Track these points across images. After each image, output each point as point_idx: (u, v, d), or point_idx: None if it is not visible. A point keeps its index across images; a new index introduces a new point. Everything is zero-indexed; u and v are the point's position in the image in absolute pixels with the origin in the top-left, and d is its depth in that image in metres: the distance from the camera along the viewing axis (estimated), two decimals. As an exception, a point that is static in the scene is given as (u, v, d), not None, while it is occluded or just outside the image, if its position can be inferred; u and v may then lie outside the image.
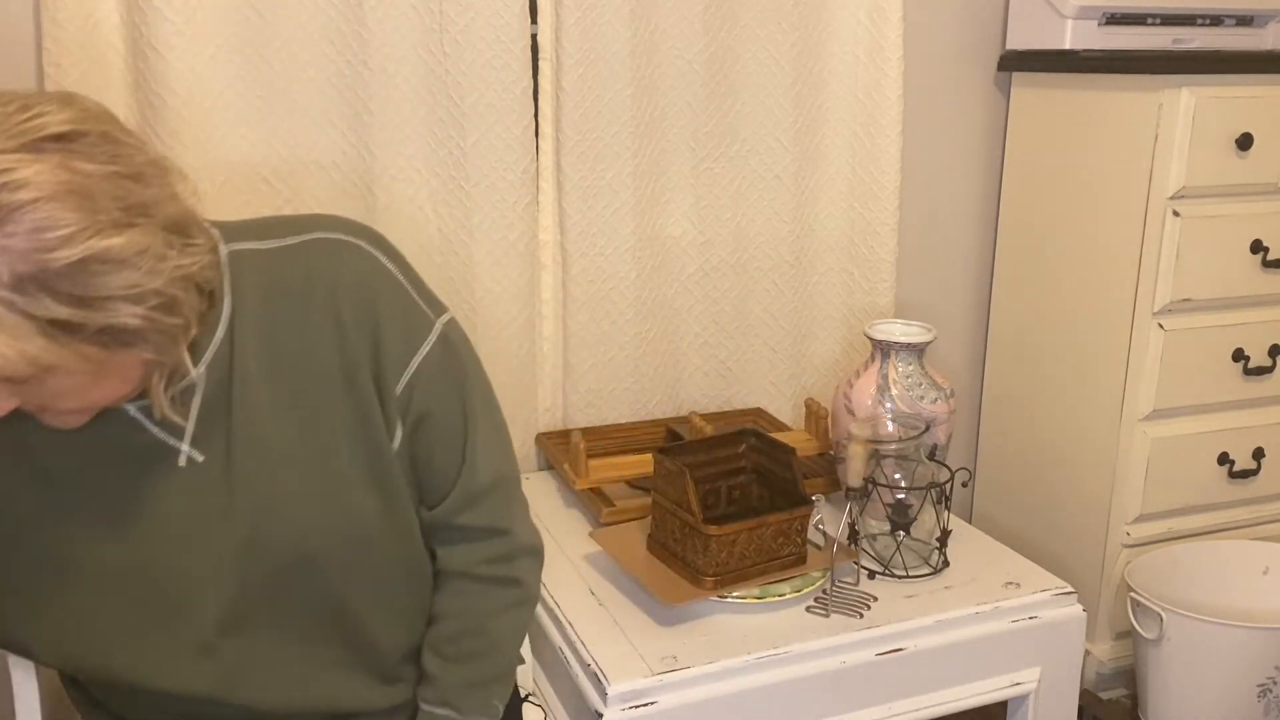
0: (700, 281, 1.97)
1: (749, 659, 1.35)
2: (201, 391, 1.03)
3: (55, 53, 1.53)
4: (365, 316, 1.07)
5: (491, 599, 1.17)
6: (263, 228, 1.10)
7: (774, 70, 1.92)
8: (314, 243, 1.09)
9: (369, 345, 1.07)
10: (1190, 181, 1.79)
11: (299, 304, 1.06)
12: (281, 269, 1.06)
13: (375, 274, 1.09)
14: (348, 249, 1.09)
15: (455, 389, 1.13)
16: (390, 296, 1.09)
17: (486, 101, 1.72)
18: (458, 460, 1.14)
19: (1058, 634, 1.51)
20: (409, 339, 1.10)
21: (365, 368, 1.07)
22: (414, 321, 1.11)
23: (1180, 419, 1.90)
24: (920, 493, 1.57)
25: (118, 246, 0.85)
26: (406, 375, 1.09)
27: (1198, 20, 1.95)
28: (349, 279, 1.07)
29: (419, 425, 1.11)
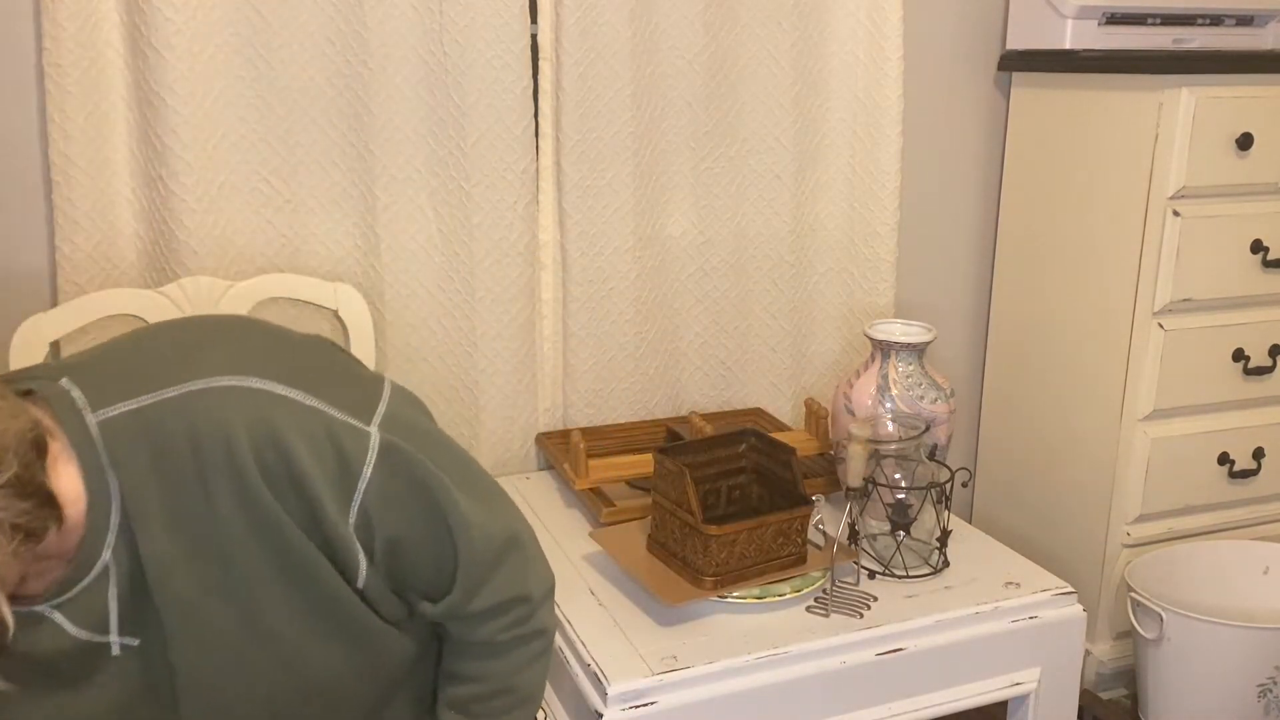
0: (700, 281, 1.97)
1: (749, 659, 1.35)
2: (115, 578, 0.95)
3: (55, 53, 1.53)
4: (278, 469, 0.94)
5: (518, 657, 1.12)
6: (132, 374, 0.96)
7: (774, 70, 1.92)
8: (192, 396, 0.94)
9: (295, 502, 0.95)
10: (1190, 181, 1.79)
11: (192, 470, 0.93)
12: (163, 431, 0.93)
13: (273, 416, 0.94)
14: (232, 396, 0.94)
15: (417, 496, 1.00)
16: (303, 432, 0.95)
17: (486, 101, 1.72)
18: (450, 560, 1.03)
19: (1058, 634, 1.51)
20: (343, 470, 0.96)
21: (291, 523, 0.95)
22: (342, 447, 0.96)
23: (1180, 419, 1.90)
24: (920, 493, 1.57)
25: None
26: (354, 509, 0.97)
27: (1198, 20, 1.95)
28: (244, 432, 0.93)
29: (391, 550, 1.01)
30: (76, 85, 1.55)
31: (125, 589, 0.95)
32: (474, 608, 1.06)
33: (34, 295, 1.63)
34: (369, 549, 1.00)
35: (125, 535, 0.94)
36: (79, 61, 1.54)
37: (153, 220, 1.63)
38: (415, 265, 1.78)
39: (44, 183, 1.61)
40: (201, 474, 0.93)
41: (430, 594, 1.06)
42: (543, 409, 1.94)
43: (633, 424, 1.94)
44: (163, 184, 1.60)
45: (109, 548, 0.94)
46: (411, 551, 1.02)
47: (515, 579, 1.09)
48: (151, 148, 1.59)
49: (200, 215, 1.62)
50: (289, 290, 1.66)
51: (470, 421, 1.86)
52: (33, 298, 1.63)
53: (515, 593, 1.09)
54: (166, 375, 0.95)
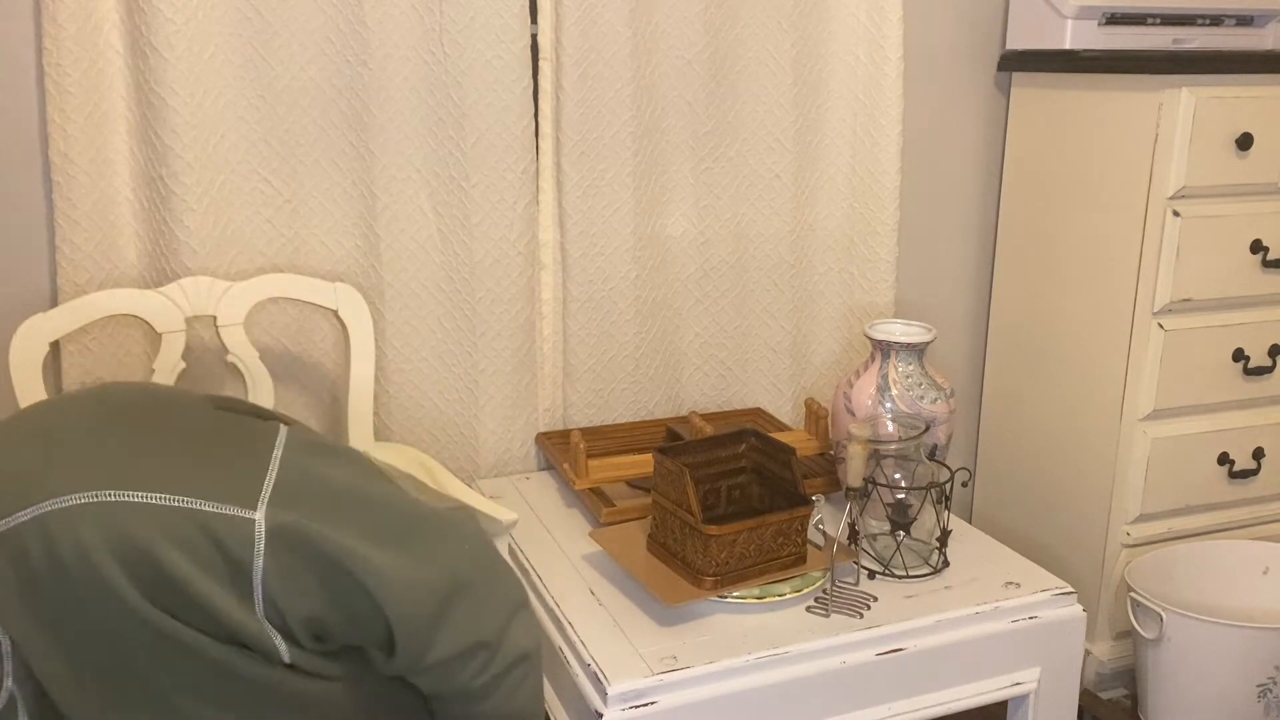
0: (700, 281, 1.97)
1: (749, 659, 1.35)
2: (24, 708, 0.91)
3: (55, 53, 1.53)
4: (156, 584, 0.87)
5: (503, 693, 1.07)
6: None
7: (774, 70, 1.92)
8: (48, 519, 0.87)
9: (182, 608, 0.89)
10: (1190, 181, 1.79)
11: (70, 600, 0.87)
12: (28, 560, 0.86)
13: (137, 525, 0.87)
14: (83, 513, 0.87)
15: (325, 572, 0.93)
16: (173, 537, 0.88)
17: (486, 101, 1.72)
18: (381, 625, 0.97)
19: (1058, 634, 1.51)
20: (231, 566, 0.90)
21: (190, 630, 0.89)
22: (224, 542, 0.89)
23: (1180, 419, 1.90)
24: (920, 493, 1.57)
25: None
26: (257, 598, 0.91)
27: (1198, 20, 1.95)
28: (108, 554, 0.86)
29: (310, 626, 0.95)
30: (76, 85, 1.55)
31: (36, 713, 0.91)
32: (429, 661, 1.00)
33: (34, 295, 1.63)
34: (287, 633, 0.94)
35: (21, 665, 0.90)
36: (79, 61, 1.54)
37: (153, 220, 1.63)
38: (415, 265, 1.78)
39: (44, 183, 1.61)
40: (78, 600, 0.87)
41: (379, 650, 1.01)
42: (543, 409, 1.94)
43: (633, 424, 1.94)
44: (163, 184, 1.60)
45: (8, 675, 0.90)
46: (337, 627, 0.96)
47: (467, 626, 1.02)
48: (151, 148, 1.59)
49: (200, 215, 1.62)
50: (289, 290, 1.66)
51: (470, 421, 1.86)
52: (33, 298, 1.63)
53: (472, 640, 1.02)
54: (19, 496, 0.88)
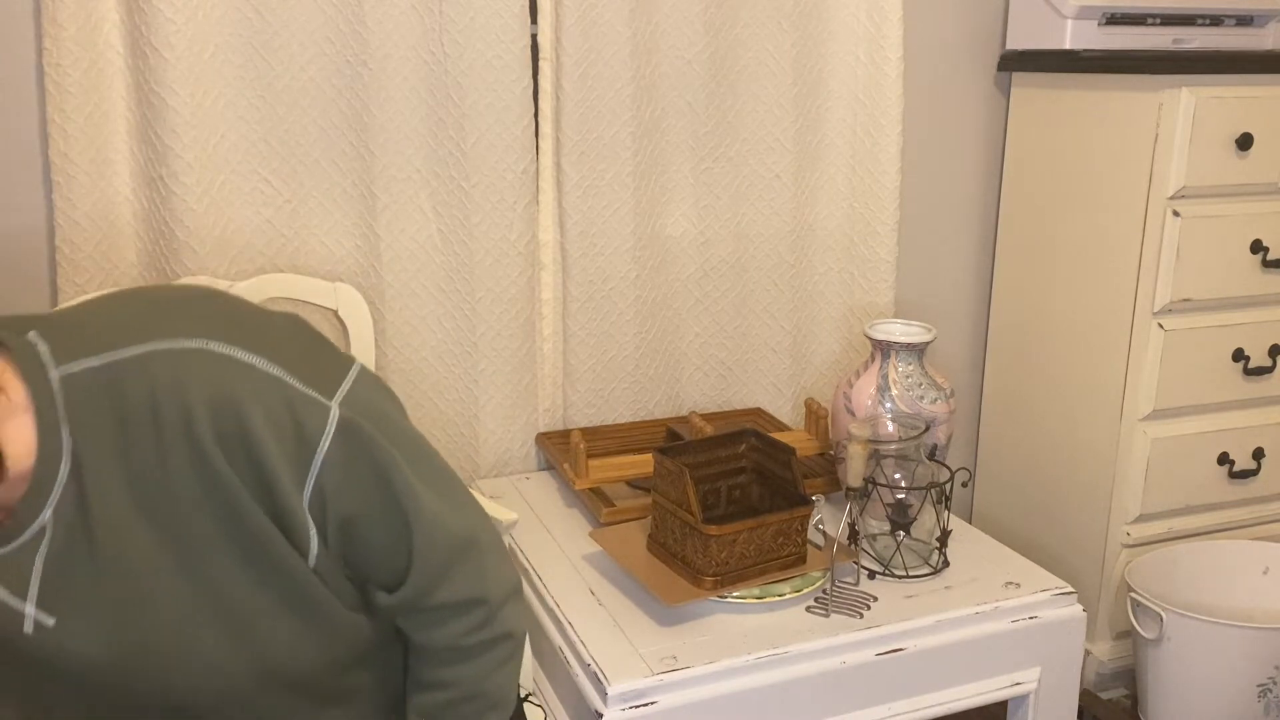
0: (700, 281, 1.97)
1: (749, 659, 1.35)
2: (49, 541, 0.92)
3: (55, 53, 1.53)
4: (234, 441, 0.92)
5: (485, 662, 1.08)
6: (98, 332, 0.94)
7: (774, 70, 1.92)
8: (152, 357, 0.92)
9: (249, 471, 0.93)
10: (1190, 181, 1.79)
11: (150, 436, 0.91)
12: (123, 389, 0.91)
13: (233, 381, 0.93)
14: (192, 360, 0.92)
15: (375, 476, 0.98)
16: (260, 401, 0.93)
17: (486, 101, 1.72)
18: (404, 549, 1.01)
19: (1058, 634, 1.51)
20: (300, 442, 0.94)
21: (250, 498, 0.94)
22: (300, 417, 0.94)
23: (1180, 419, 1.90)
24: (920, 493, 1.57)
25: None
26: (310, 482, 0.95)
27: (1198, 20, 1.95)
28: (202, 399, 0.91)
29: (345, 529, 0.98)
30: (76, 85, 1.55)
31: (58, 555, 0.93)
32: (431, 602, 1.03)
33: (34, 295, 1.63)
34: (322, 528, 0.97)
35: (70, 496, 0.92)
36: (79, 61, 1.54)
37: (153, 220, 1.63)
38: (415, 265, 1.78)
39: (44, 182, 1.61)
40: (158, 436, 0.91)
41: (386, 583, 1.03)
42: (543, 409, 1.94)
43: (633, 424, 1.94)
44: (163, 184, 1.60)
45: (50, 507, 0.91)
46: (366, 533, 0.99)
47: (473, 580, 1.05)
48: (151, 148, 1.59)
49: (200, 215, 1.62)
50: (289, 290, 1.66)
51: (470, 421, 1.86)
52: (33, 298, 1.63)
53: (474, 593, 1.05)
54: (131, 333, 0.93)
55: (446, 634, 1.06)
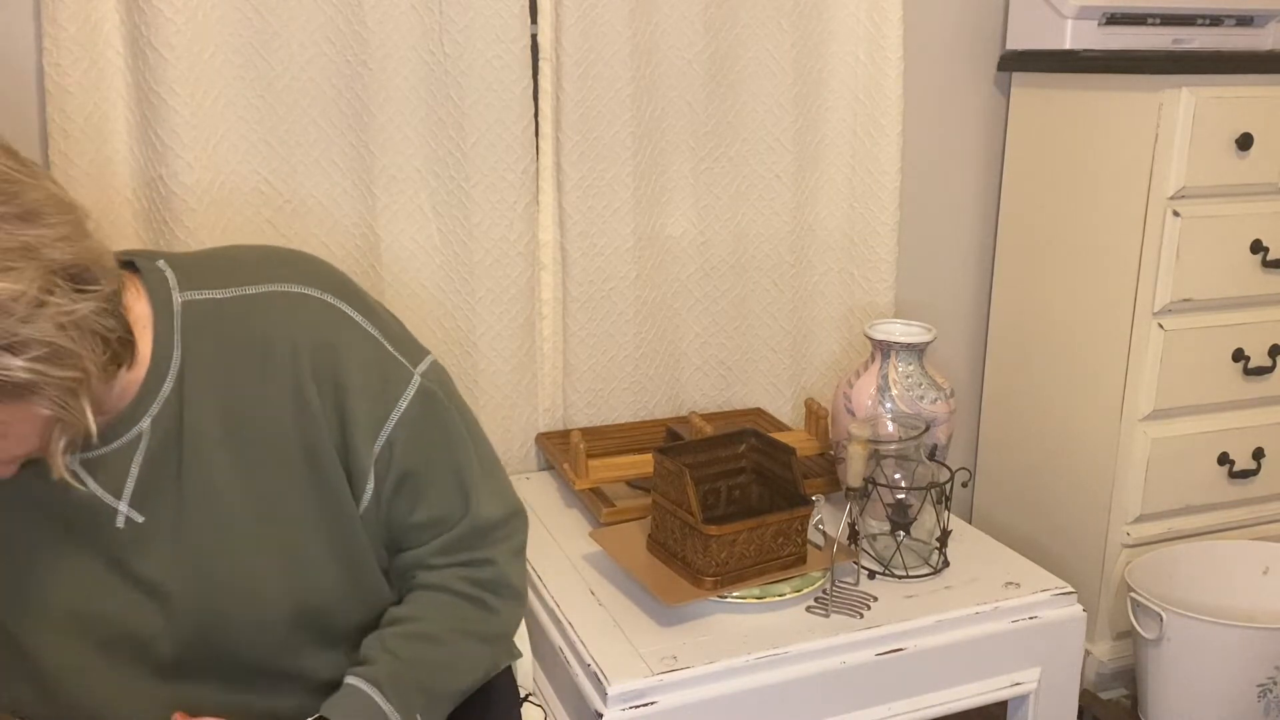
0: (700, 281, 1.97)
1: (749, 659, 1.35)
2: (145, 447, 0.99)
3: (55, 53, 1.53)
4: (328, 382, 1.01)
5: (463, 617, 1.10)
6: (223, 270, 1.03)
7: (774, 70, 1.92)
8: (273, 296, 1.02)
9: (333, 411, 1.02)
10: (1190, 181, 1.79)
11: (256, 365, 1.00)
12: (238, 323, 1.00)
13: (339, 330, 1.03)
14: (308, 304, 1.02)
15: (440, 442, 1.07)
16: (357, 353, 1.03)
17: (486, 101, 1.72)
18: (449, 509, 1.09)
19: (1058, 634, 1.51)
20: (383, 396, 1.03)
21: (328, 436, 1.02)
22: (388, 375, 1.04)
23: (1180, 419, 1.90)
24: (920, 493, 1.57)
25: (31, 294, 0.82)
26: (383, 435, 1.04)
27: (1198, 20, 1.95)
28: (309, 339, 1.01)
29: (400, 483, 1.06)
30: (76, 85, 1.55)
31: (152, 461, 0.99)
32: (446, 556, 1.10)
33: (34, 295, 1.63)
34: (381, 480, 1.05)
35: (170, 409, 0.99)
36: (79, 61, 1.54)
37: (153, 220, 1.63)
38: (415, 265, 1.78)
39: (44, 183, 1.61)
40: (264, 368, 1.00)
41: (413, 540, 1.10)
42: (543, 409, 1.94)
43: (633, 424, 1.94)
44: (163, 184, 1.60)
45: (150, 416, 0.98)
46: (419, 490, 1.07)
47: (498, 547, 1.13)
48: (151, 148, 1.59)
49: (200, 215, 1.62)
50: (289, 290, 1.66)
51: (470, 421, 1.86)
52: (33, 298, 1.63)
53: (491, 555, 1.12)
54: (253, 275, 1.03)
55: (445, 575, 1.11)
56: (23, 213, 0.85)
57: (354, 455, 1.03)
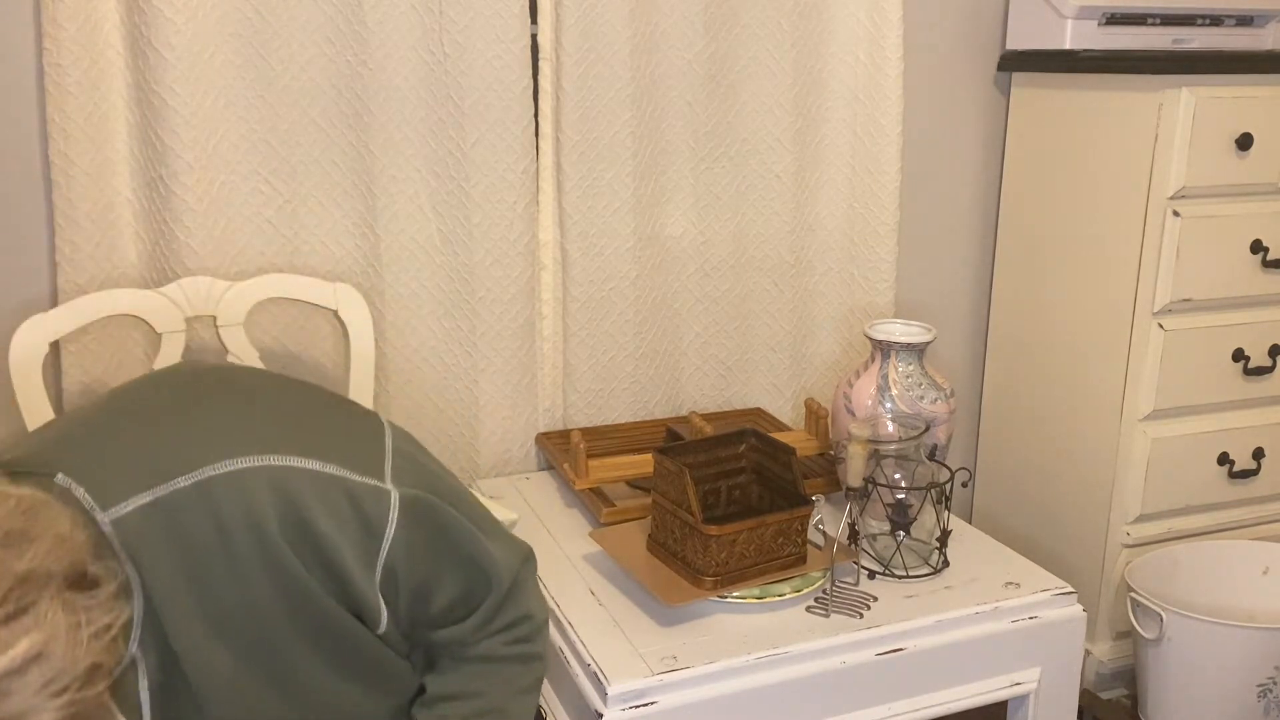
0: (700, 281, 1.97)
1: (749, 659, 1.35)
2: (144, 672, 0.94)
3: (55, 53, 1.53)
4: (303, 542, 0.95)
5: (516, 678, 1.14)
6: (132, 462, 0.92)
7: (774, 70, 1.92)
8: (212, 484, 0.92)
9: (320, 569, 0.96)
10: (1190, 181, 1.79)
11: (220, 555, 0.93)
12: (183, 522, 0.91)
13: (298, 488, 0.94)
14: (253, 478, 0.93)
15: (443, 543, 1.04)
16: (325, 502, 0.95)
17: (486, 101, 1.72)
18: (479, 592, 1.09)
19: (1058, 634, 1.51)
20: (366, 533, 0.98)
21: (320, 591, 0.97)
22: (365, 510, 0.98)
23: (1180, 419, 1.90)
24: (920, 493, 1.57)
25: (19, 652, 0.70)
26: (379, 569, 0.99)
27: (1198, 20, 1.95)
28: (270, 511, 0.93)
29: (416, 594, 1.04)
30: (76, 85, 1.55)
31: (156, 681, 0.95)
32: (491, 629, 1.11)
33: (34, 295, 1.63)
34: (392, 602, 1.02)
35: (151, 628, 0.93)
36: (79, 61, 1.54)
37: (153, 220, 1.63)
38: (415, 265, 1.78)
39: (44, 183, 1.61)
40: (231, 560, 0.93)
41: (447, 621, 1.10)
42: (543, 409, 1.94)
43: (633, 424, 1.94)
44: (163, 184, 1.60)
45: (134, 641, 0.92)
46: (439, 594, 1.06)
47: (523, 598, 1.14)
48: (151, 148, 1.59)
49: (200, 215, 1.62)
50: (289, 290, 1.66)
51: (470, 421, 1.86)
52: (33, 298, 1.63)
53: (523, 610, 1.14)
54: (176, 462, 0.92)
55: (490, 643, 1.12)
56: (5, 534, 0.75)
57: (357, 598, 0.99)
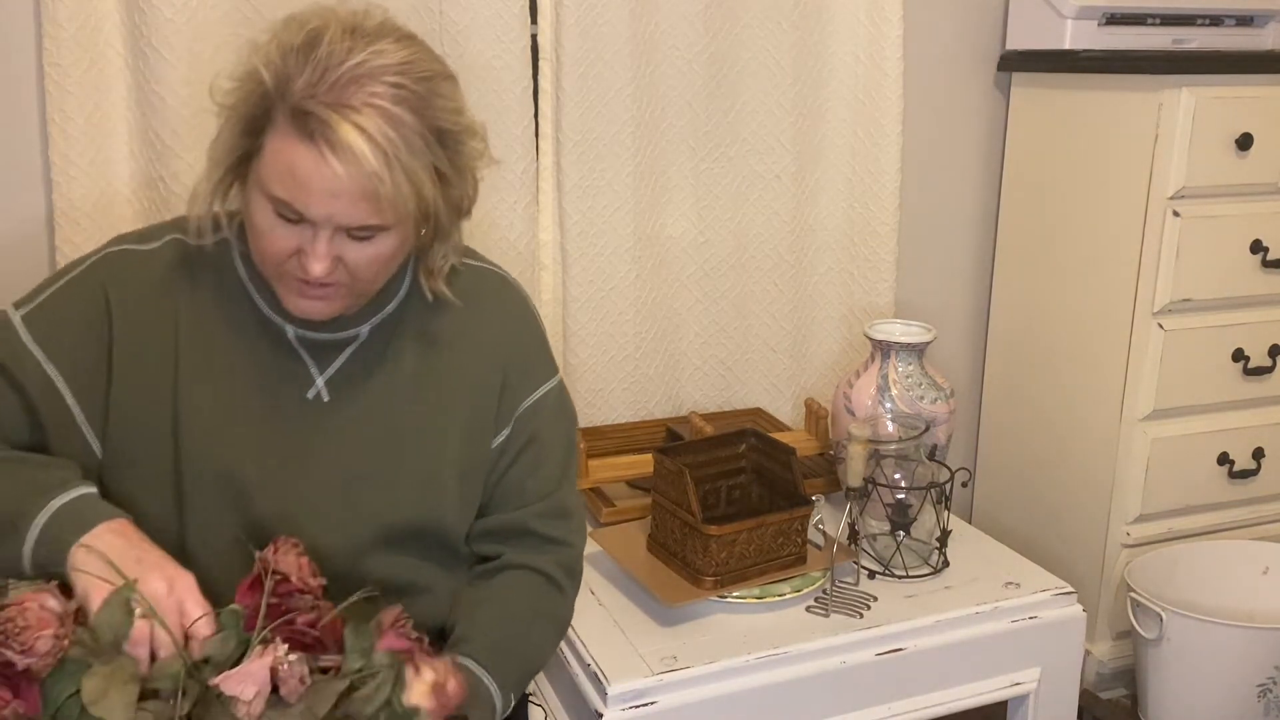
0: (700, 281, 1.97)
1: (749, 659, 1.35)
2: (357, 346, 1.16)
3: (55, 53, 1.53)
4: (511, 338, 1.23)
5: (545, 597, 1.23)
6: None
7: (774, 70, 1.92)
8: (487, 271, 1.26)
9: (505, 360, 1.22)
10: (1190, 181, 1.79)
11: (463, 307, 1.20)
12: (454, 277, 1.19)
13: (527, 313, 1.27)
14: (514, 287, 1.27)
15: (565, 428, 1.28)
16: (533, 334, 1.27)
17: (486, 102, 1.72)
18: (553, 482, 1.25)
19: (1058, 634, 1.51)
20: (541, 370, 1.26)
21: (495, 379, 1.21)
22: (545, 361, 1.27)
23: (1180, 419, 1.90)
24: (920, 493, 1.57)
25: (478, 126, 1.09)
26: (533, 398, 1.23)
27: (1198, 20, 1.95)
28: (509, 302, 1.25)
29: (527, 445, 1.23)
30: (76, 85, 1.55)
31: (356, 359, 1.16)
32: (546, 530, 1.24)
33: (34, 295, 1.63)
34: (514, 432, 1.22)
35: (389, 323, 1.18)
36: (79, 61, 1.54)
37: (153, 220, 1.62)
38: (415, 265, 1.78)
39: (44, 182, 1.61)
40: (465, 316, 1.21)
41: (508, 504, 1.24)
42: (543, 409, 1.94)
43: (633, 424, 1.94)
44: (163, 184, 1.60)
45: (371, 324, 1.16)
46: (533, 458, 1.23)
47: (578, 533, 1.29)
48: (151, 148, 1.59)
49: (200, 215, 1.62)
50: (289, 290, 1.66)
51: (470, 421, 1.86)
52: (33, 298, 1.63)
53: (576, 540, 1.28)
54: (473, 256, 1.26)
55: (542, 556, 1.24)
56: None
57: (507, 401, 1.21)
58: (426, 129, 1.01)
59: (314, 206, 1.00)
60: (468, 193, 1.11)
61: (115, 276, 1.13)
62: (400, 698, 0.93)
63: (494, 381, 1.21)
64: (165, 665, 0.91)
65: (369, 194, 0.99)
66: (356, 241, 1.04)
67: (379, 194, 0.99)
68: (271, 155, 1.01)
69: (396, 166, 0.99)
